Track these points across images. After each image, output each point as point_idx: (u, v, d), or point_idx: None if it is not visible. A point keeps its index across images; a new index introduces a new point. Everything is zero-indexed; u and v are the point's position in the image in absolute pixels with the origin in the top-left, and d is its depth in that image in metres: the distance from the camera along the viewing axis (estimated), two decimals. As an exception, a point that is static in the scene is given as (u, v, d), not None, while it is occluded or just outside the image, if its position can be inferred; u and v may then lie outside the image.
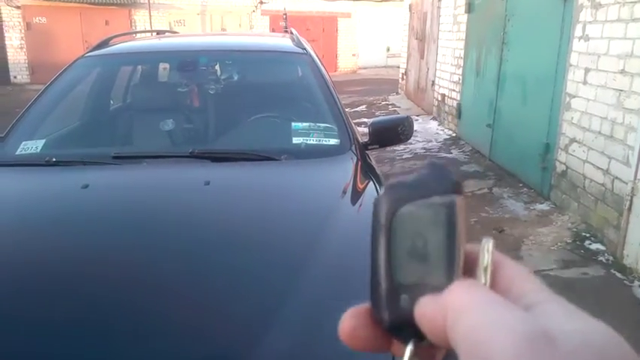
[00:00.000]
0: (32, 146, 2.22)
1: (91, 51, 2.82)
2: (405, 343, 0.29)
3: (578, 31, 3.91)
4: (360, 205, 1.80)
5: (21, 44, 15.41)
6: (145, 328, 1.20)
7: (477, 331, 0.24)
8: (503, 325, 0.24)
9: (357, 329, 0.30)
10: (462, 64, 6.88)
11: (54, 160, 2.07)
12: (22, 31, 15.34)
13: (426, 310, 0.27)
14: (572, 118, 3.99)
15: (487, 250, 0.28)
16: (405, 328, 0.29)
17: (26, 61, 15.48)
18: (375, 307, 0.30)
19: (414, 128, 2.52)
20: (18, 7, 15.12)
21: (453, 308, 0.26)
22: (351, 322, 0.30)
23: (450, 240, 0.29)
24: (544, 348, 0.22)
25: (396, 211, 0.29)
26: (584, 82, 3.80)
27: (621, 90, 3.34)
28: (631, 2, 3.28)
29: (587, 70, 3.77)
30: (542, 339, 0.23)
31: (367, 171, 2.11)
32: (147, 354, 1.14)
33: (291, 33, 3.33)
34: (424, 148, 6.54)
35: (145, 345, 1.16)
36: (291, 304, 1.24)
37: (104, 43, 2.91)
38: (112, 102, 3.00)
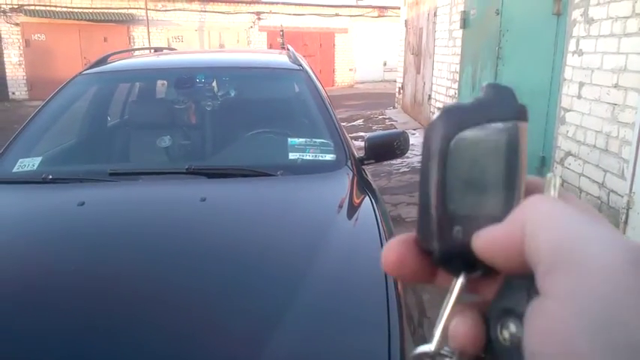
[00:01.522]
0: (29, 164, 2.22)
1: (89, 68, 2.84)
2: (456, 275, 0.27)
3: (572, 45, 3.95)
4: (356, 220, 1.81)
5: (20, 61, 15.50)
6: (145, 341, 1.20)
7: (568, 240, 0.22)
8: (598, 237, 0.21)
9: (406, 257, 0.28)
10: (457, 79, 6.93)
11: (50, 177, 2.07)
12: (21, 47, 15.44)
13: (496, 232, 0.25)
14: (567, 131, 4.01)
15: (554, 186, 0.26)
16: (455, 260, 0.27)
17: (25, 78, 15.57)
18: (424, 238, 0.28)
19: (411, 142, 2.54)
20: (17, 24, 15.23)
21: (536, 218, 0.23)
22: (399, 249, 0.28)
23: (512, 169, 0.26)
24: None
25: (452, 137, 0.27)
26: (579, 96, 3.83)
27: (615, 104, 3.37)
28: (623, 17, 3.32)
29: (581, 85, 3.81)
30: None
31: (363, 186, 2.12)
32: None
33: (288, 49, 3.36)
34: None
35: (147, 357, 1.16)
36: (291, 315, 1.24)
37: (102, 61, 2.94)
38: (109, 119, 3.01)
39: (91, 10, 15.68)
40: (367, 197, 1.98)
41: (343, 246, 1.57)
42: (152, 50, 4.79)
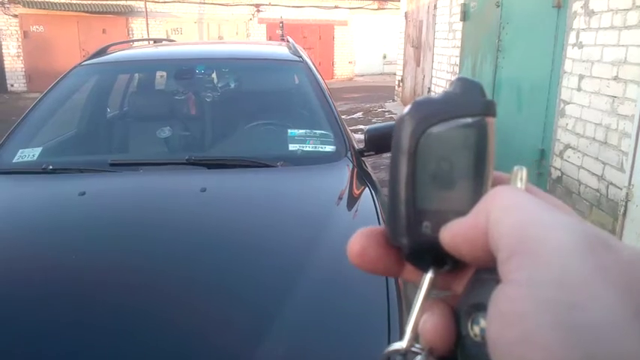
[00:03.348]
0: (29, 154, 2.23)
1: (88, 59, 2.83)
2: (425, 270, 0.28)
3: (572, 38, 3.94)
4: (356, 211, 1.81)
5: (18, 52, 15.43)
6: (144, 332, 1.21)
7: (529, 226, 0.22)
8: (559, 223, 0.22)
9: (368, 249, 0.28)
10: (457, 72, 6.92)
11: (51, 167, 2.08)
12: (20, 39, 15.37)
13: (461, 224, 0.25)
14: (566, 124, 4.01)
15: (520, 179, 0.27)
16: (424, 255, 0.27)
17: (23, 70, 15.51)
18: (393, 234, 0.28)
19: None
20: (15, 16, 15.16)
21: (499, 207, 0.24)
22: (362, 241, 0.29)
23: (480, 165, 0.27)
24: (603, 250, 0.21)
25: (422, 133, 0.27)
26: (579, 89, 3.83)
27: (615, 96, 3.37)
28: (624, 10, 3.31)
29: (581, 77, 3.80)
30: (601, 242, 0.21)
31: (363, 177, 2.12)
32: (147, 356, 1.15)
33: (288, 41, 3.35)
34: (421, 155, 6.55)
35: (145, 348, 1.17)
36: (290, 306, 1.25)
37: (101, 52, 2.93)
38: (109, 110, 3.01)
39: (89, 2, 15.60)
40: (367, 189, 1.98)
41: (343, 238, 1.56)
42: (151, 42, 4.77)
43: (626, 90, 3.25)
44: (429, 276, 0.28)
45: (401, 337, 0.27)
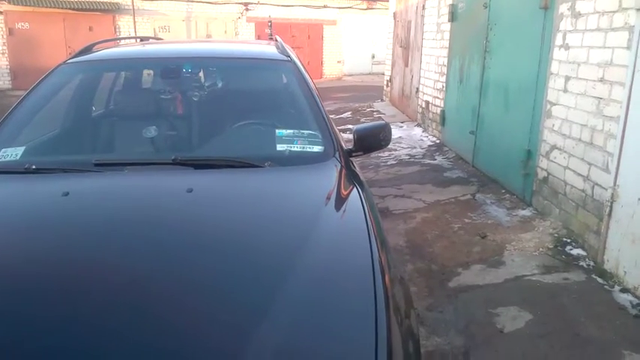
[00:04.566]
0: (12, 153, 2.19)
1: (73, 57, 2.80)
2: None
3: (558, 39, 3.97)
4: (344, 212, 1.81)
5: (3, 50, 15.25)
6: (129, 331, 1.19)
7: None
8: None
9: None
10: (445, 72, 6.95)
11: (34, 167, 2.05)
12: (4, 36, 15.19)
13: None
14: (553, 125, 4.04)
15: None
16: None
17: (8, 67, 15.32)
18: None
19: (399, 135, 2.54)
20: (0, 13, 14.96)
21: None
22: None
23: None
24: None
25: None
26: (565, 90, 3.86)
27: (601, 98, 3.39)
28: (610, 12, 3.34)
29: (567, 79, 3.83)
30: None
31: (351, 177, 2.12)
32: (141, 356, 1.14)
33: (276, 40, 3.34)
34: (408, 155, 6.58)
35: (138, 348, 1.15)
36: (278, 305, 1.25)
37: (87, 50, 2.89)
38: (94, 109, 2.97)
39: (76, -1, 15.45)
40: (355, 189, 1.98)
41: (331, 237, 1.57)
42: (138, 40, 4.73)
43: (612, 91, 3.28)
44: None
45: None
